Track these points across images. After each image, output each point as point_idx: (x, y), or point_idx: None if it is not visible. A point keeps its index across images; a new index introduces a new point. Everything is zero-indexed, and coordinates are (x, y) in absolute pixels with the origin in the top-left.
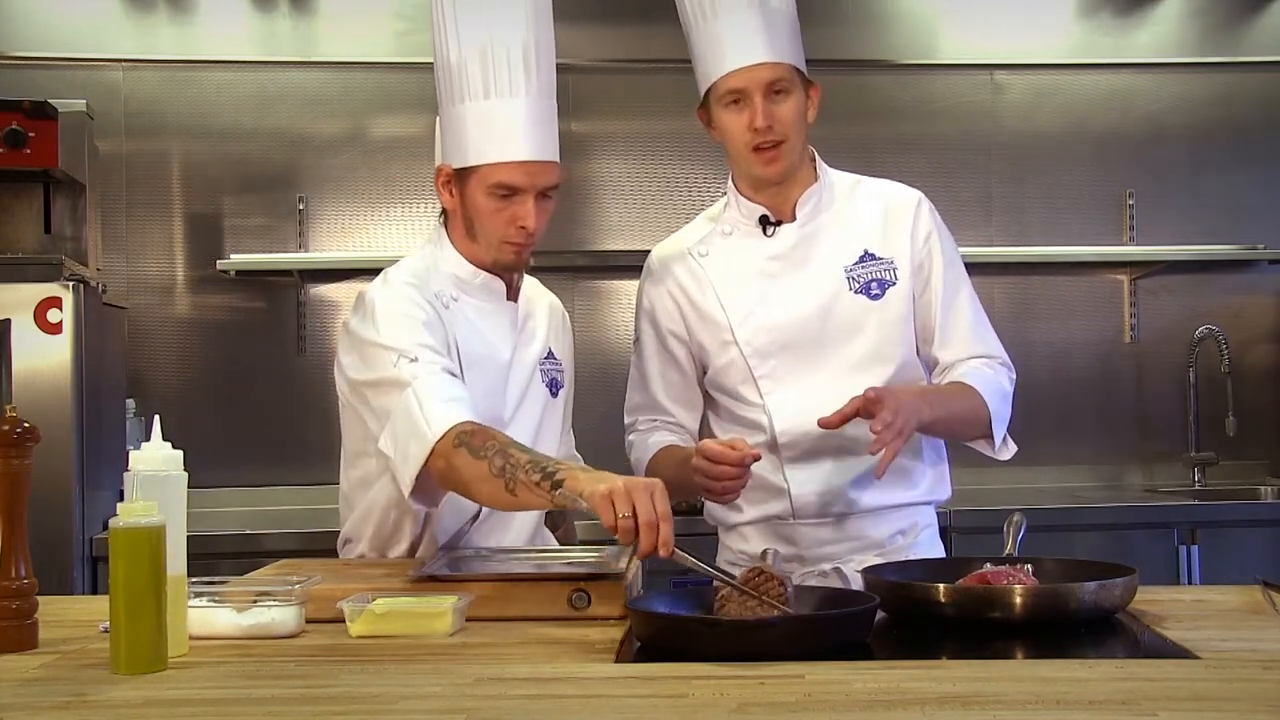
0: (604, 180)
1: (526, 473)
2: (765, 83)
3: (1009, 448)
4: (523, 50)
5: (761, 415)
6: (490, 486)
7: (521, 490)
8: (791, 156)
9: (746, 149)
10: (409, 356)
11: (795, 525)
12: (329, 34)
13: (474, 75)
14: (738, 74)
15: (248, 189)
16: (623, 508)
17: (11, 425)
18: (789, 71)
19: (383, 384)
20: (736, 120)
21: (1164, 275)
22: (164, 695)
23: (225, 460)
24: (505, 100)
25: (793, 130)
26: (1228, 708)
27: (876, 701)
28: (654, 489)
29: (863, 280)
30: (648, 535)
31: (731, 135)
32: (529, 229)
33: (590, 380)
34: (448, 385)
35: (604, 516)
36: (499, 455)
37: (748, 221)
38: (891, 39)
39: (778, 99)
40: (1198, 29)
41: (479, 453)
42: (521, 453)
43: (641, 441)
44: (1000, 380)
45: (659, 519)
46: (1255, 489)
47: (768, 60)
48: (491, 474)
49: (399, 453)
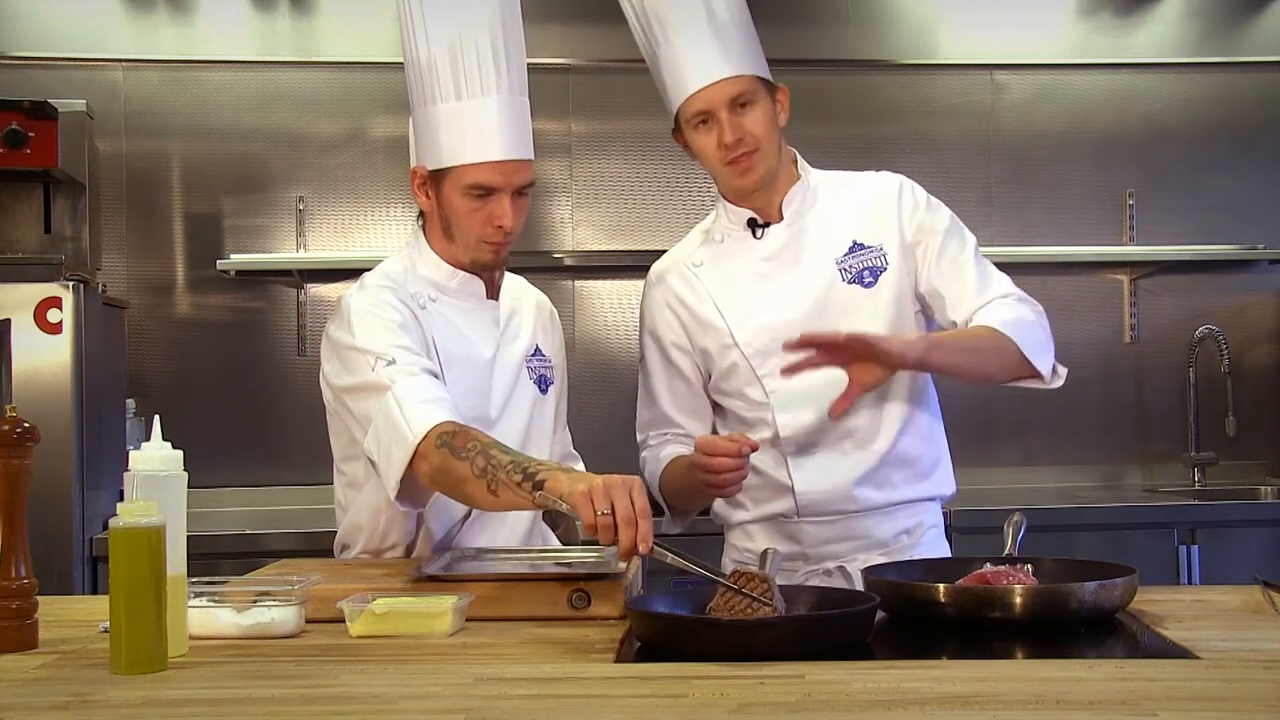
0: (604, 180)
1: (508, 473)
2: (728, 99)
3: (1059, 375)
4: (492, 48)
5: (767, 414)
6: (473, 487)
7: (503, 491)
8: (767, 163)
9: (721, 164)
10: (386, 359)
11: (800, 524)
12: (329, 34)
13: (444, 75)
14: (699, 95)
15: (247, 189)
16: (601, 505)
17: (11, 425)
18: (750, 83)
19: (362, 389)
20: (707, 140)
21: (1164, 275)
22: (164, 695)
23: (225, 460)
24: (477, 100)
25: (764, 137)
26: (1228, 708)
27: (876, 701)
28: (632, 486)
29: (855, 270)
30: (626, 532)
31: (705, 154)
32: (506, 228)
33: (589, 380)
34: (427, 386)
35: (584, 515)
36: (480, 456)
37: (737, 226)
38: (891, 39)
39: (743, 111)
40: (1198, 29)
41: (460, 454)
42: (503, 454)
43: (654, 456)
44: (1022, 312)
45: (637, 516)
46: (1255, 489)
47: (726, 75)
48: (474, 475)
49: (382, 456)
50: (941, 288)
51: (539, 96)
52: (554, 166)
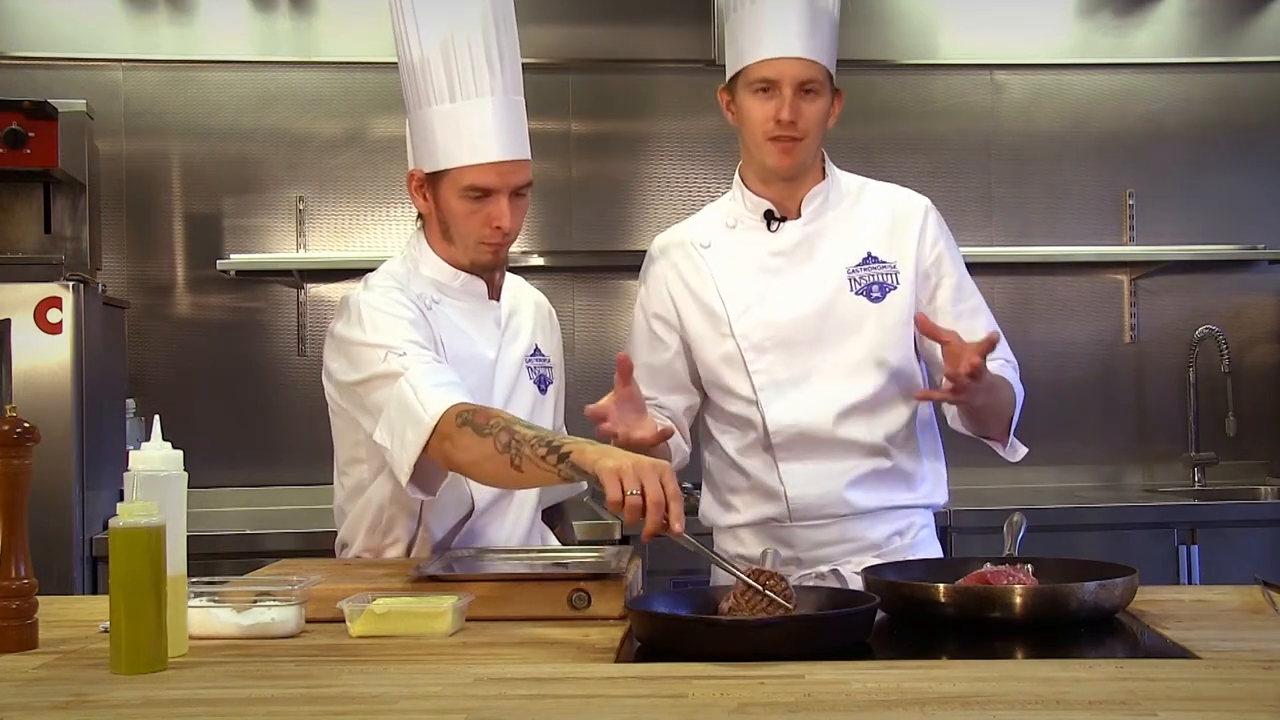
0: (604, 180)
1: (532, 447)
2: (799, 79)
3: (1019, 448)
4: (485, 48)
5: (753, 411)
6: (494, 464)
7: (527, 465)
8: (806, 155)
9: (765, 138)
10: (398, 351)
11: (791, 527)
12: (329, 34)
13: (438, 77)
14: (773, 63)
15: (247, 189)
16: (630, 485)
17: (11, 425)
18: (822, 73)
19: (373, 380)
20: (762, 108)
21: (1164, 275)
22: (164, 695)
23: (225, 460)
24: (472, 101)
25: (813, 132)
26: (1228, 708)
27: (876, 701)
28: (663, 470)
29: (864, 282)
30: (654, 514)
31: (753, 122)
32: (504, 229)
33: (590, 380)
34: (440, 371)
35: (611, 491)
36: (504, 432)
37: (753, 215)
38: (891, 39)
39: (807, 98)
40: (1198, 29)
41: (483, 430)
42: (526, 429)
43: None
44: (1015, 381)
45: (668, 499)
46: (1255, 489)
47: (805, 56)
48: (496, 450)
49: (396, 441)
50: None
51: (539, 96)
52: (554, 166)
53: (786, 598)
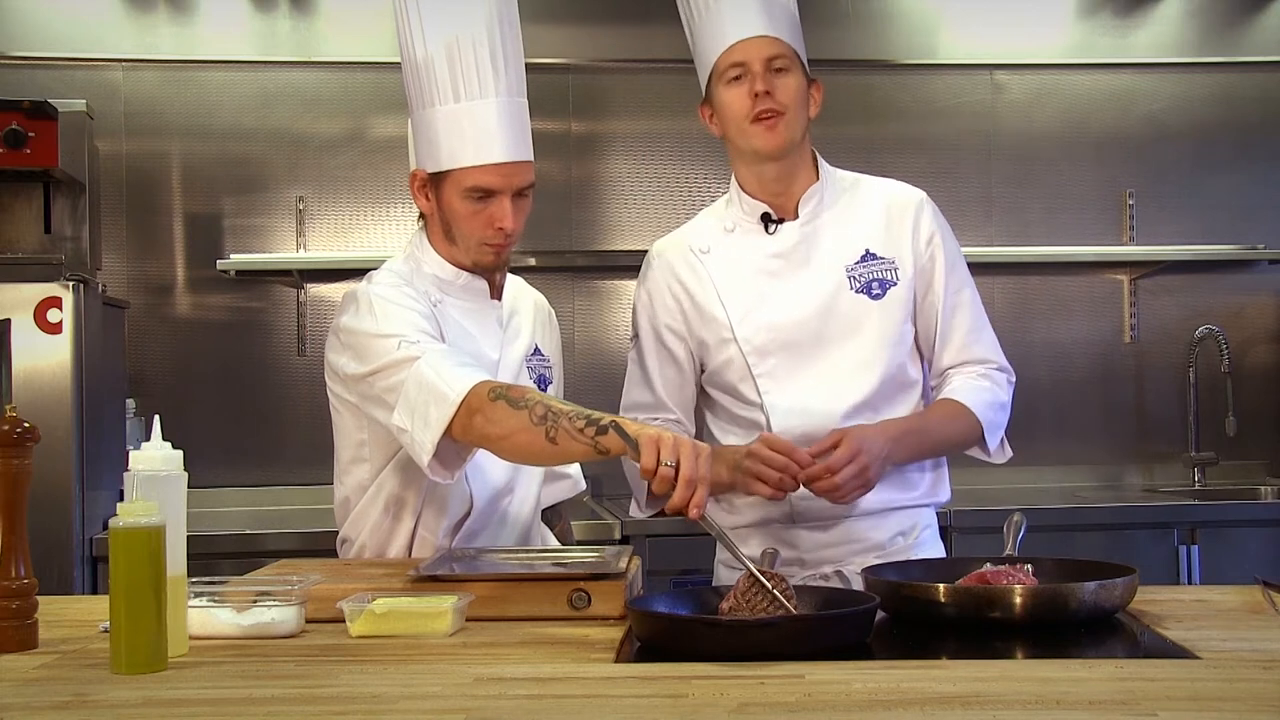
0: (604, 180)
1: (570, 420)
2: (765, 57)
3: (1005, 452)
4: (490, 50)
5: (759, 414)
6: (528, 436)
7: (563, 437)
8: (791, 132)
9: (746, 121)
10: (410, 339)
11: (795, 529)
12: (329, 34)
13: (443, 78)
14: (737, 47)
15: (247, 189)
16: (668, 456)
17: (11, 425)
18: (789, 50)
19: (387, 368)
20: (737, 94)
21: (1164, 275)
22: (164, 695)
23: (225, 460)
24: (476, 102)
25: (793, 105)
26: (1228, 708)
27: (876, 701)
28: (702, 451)
29: (864, 280)
30: (684, 490)
31: (732, 111)
32: (507, 230)
33: (590, 380)
34: (458, 354)
35: (646, 458)
36: (540, 405)
37: (750, 219)
38: (891, 39)
39: (779, 75)
40: (1198, 29)
41: (518, 404)
42: (562, 404)
43: None
44: (995, 391)
45: (699, 479)
46: (1255, 489)
47: (767, 33)
48: (532, 423)
49: (418, 421)
50: (935, 327)
51: (539, 96)
52: (554, 166)
53: (787, 598)
